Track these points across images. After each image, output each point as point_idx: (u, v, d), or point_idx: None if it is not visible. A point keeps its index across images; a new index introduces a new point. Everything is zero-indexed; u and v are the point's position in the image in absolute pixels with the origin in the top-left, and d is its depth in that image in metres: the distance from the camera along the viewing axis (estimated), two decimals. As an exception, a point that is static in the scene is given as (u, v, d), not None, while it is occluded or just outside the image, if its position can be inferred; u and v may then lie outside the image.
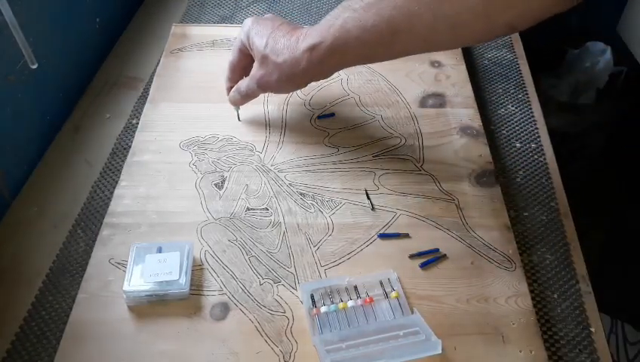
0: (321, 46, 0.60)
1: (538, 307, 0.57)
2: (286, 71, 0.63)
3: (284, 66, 0.63)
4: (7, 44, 0.64)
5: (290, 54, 0.62)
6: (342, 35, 0.59)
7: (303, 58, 0.61)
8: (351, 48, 0.60)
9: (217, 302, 0.56)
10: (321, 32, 0.60)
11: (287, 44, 0.63)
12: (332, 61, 0.62)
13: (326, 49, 0.60)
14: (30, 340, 0.54)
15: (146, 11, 0.99)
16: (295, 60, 0.62)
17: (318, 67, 0.62)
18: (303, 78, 0.65)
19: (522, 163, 0.72)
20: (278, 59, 0.63)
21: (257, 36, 0.65)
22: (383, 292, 0.56)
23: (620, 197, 1.16)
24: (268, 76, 0.65)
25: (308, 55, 0.61)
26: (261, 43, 0.64)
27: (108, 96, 0.82)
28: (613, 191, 1.22)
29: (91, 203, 0.67)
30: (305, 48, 0.61)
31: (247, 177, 0.68)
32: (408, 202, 0.65)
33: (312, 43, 0.61)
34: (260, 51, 0.64)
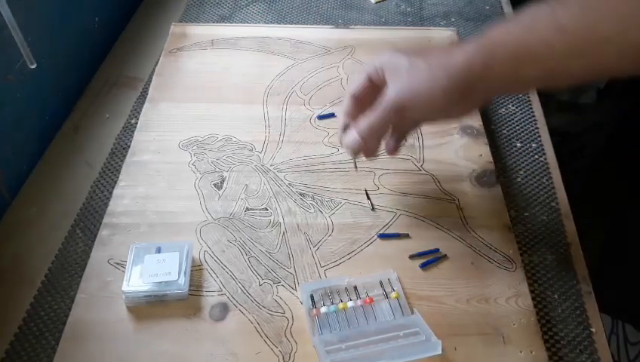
0: (493, 44, 0.49)
1: (538, 307, 0.57)
2: (439, 78, 0.50)
3: (437, 73, 0.51)
4: (6, 44, 0.63)
5: (447, 56, 0.51)
6: (527, 36, 0.48)
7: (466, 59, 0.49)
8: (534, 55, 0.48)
9: (217, 303, 0.56)
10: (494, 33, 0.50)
11: (443, 51, 0.53)
12: (502, 68, 0.49)
13: (499, 48, 0.49)
14: (29, 340, 0.54)
15: (145, 11, 0.99)
16: (451, 58, 0.50)
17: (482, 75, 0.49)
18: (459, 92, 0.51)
19: (523, 163, 0.72)
20: (428, 63, 0.51)
21: (402, 55, 0.53)
22: (383, 292, 0.56)
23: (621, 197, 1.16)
24: (412, 87, 0.52)
25: (472, 54, 0.49)
26: (408, 57, 0.53)
27: (107, 96, 0.82)
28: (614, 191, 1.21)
29: (90, 203, 0.67)
30: (469, 48, 0.50)
31: (247, 177, 0.67)
32: (408, 202, 0.65)
33: (480, 43, 0.49)
34: (403, 63, 0.52)
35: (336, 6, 0.98)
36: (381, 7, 0.98)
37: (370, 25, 0.94)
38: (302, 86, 0.79)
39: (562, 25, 0.46)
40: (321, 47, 0.85)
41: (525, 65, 0.48)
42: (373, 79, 0.55)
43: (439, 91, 0.51)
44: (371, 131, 0.55)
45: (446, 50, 0.53)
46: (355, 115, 0.57)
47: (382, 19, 0.95)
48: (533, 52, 0.48)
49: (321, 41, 0.86)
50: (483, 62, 0.49)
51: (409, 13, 0.97)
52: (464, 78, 0.50)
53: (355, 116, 0.57)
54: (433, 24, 0.94)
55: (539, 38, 0.47)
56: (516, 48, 0.48)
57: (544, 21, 0.47)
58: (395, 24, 0.94)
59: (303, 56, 0.84)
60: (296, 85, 0.79)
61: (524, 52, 0.48)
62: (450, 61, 0.50)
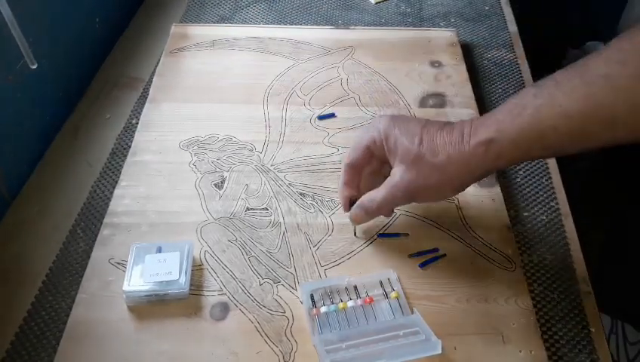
0: (502, 140, 0.49)
1: (538, 307, 0.57)
2: (450, 172, 0.52)
3: (448, 167, 0.52)
4: (6, 44, 0.64)
5: (456, 151, 0.51)
6: (533, 125, 0.48)
7: (475, 155, 0.50)
8: (543, 140, 0.48)
9: (217, 302, 0.56)
10: (500, 124, 0.50)
11: (449, 139, 0.52)
12: (512, 156, 0.50)
13: (508, 142, 0.49)
14: (30, 340, 0.54)
15: (146, 11, 0.99)
16: (463, 158, 0.51)
17: (493, 165, 0.51)
18: (469, 179, 0.53)
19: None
20: (439, 158, 0.52)
21: (404, 134, 0.53)
22: (383, 292, 0.56)
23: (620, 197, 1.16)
24: (422, 180, 0.53)
25: (482, 151, 0.50)
26: (411, 141, 0.53)
27: (108, 97, 0.82)
28: (613, 191, 1.22)
29: (91, 203, 0.67)
30: (477, 143, 0.50)
31: (247, 177, 0.68)
32: (408, 202, 0.65)
33: (487, 137, 0.50)
34: (411, 151, 0.53)
35: (336, 6, 0.98)
36: (381, 7, 0.98)
37: (370, 25, 0.94)
38: (302, 86, 0.80)
39: (566, 110, 0.46)
40: (321, 48, 0.86)
41: (536, 148, 0.50)
42: (372, 150, 0.57)
43: (451, 189, 0.55)
44: (379, 210, 0.57)
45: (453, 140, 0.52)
46: (354, 185, 0.59)
47: (382, 20, 0.96)
48: (543, 138, 0.48)
49: (321, 42, 0.87)
50: (496, 158, 0.50)
51: (409, 14, 0.97)
52: (474, 175, 0.53)
53: (354, 186, 0.59)
54: (433, 25, 0.95)
55: (546, 125, 0.48)
56: (526, 139, 0.49)
57: (550, 109, 0.47)
58: (395, 25, 0.94)
59: (303, 56, 0.84)
60: (296, 85, 0.80)
61: (534, 140, 0.49)
62: (463, 160, 0.51)
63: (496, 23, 0.95)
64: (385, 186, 0.55)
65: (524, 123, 0.48)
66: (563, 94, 0.47)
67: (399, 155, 0.54)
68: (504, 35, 0.93)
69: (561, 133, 0.47)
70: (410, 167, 0.53)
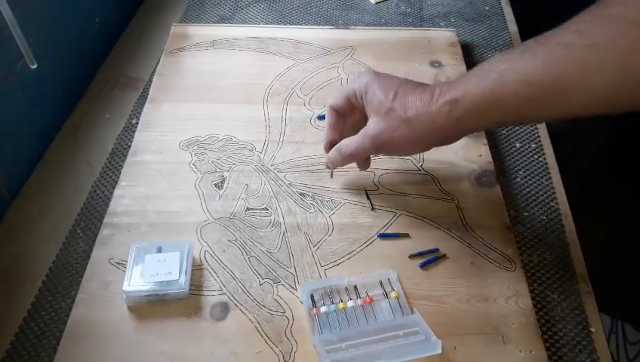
0: (465, 100, 0.51)
1: (538, 307, 0.57)
2: (416, 127, 0.54)
3: (414, 122, 0.54)
4: (6, 44, 0.64)
5: (424, 108, 0.53)
6: (495, 89, 0.50)
7: (440, 113, 0.53)
8: (503, 106, 0.50)
9: (217, 302, 0.56)
10: (466, 86, 0.52)
11: (420, 97, 0.54)
12: (475, 119, 0.52)
13: (471, 104, 0.51)
14: (30, 340, 0.54)
15: (146, 11, 0.99)
16: (429, 116, 0.53)
17: (456, 126, 0.53)
18: (433, 138, 0.56)
19: (522, 163, 0.72)
20: (407, 114, 0.54)
21: (380, 89, 0.57)
22: (383, 292, 0.56)
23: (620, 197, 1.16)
24: (390, 132, 0.56)
25: (447, 110, 0.52)
26: (386, 95, 0.56)
27: (108, 96, 0.82)
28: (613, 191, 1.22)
29: (91, 203, 0.67)
30: (443, 102, 0.52)
31: (247, 177, 0.68)
32: (408, 202, 0.65)
33: (453, 97, 0.52)
34: (384, 103, 0.56)
35: (336, 6, 0.98)
36: (381, 7, 0.98)
37: (370, 25, 0.94)
38: (302, 86, 0.80)
39: (527, 78, 0.48)
40: (321, 48, 0.86)
41: (497, 113, 0.52)
42: (352, 101, 0.60)
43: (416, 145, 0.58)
44: (352, 156, 0.61)
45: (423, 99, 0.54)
46: (338, 128, 0.62)
47: (382, 20, 0.96)
48: (504, 103, 0.50)
49: (321, 42, 0.87)
50: (459, 119, 0.52)
51: (409, 14, 0.97)
52: (439, 134, 0.55)
53: (338, 132, 0.62)
54: (433, 25, 0.95)
55: (508, 92, 0.49)
56: (488, 102, 0.51)
57: (512, 74, 0.49)
58: (395, 25, 0.94)
59: (303, 56, 0.84)
60: (296, 85, 0.80)
61: (494, 104, 0.51)
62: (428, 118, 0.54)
63: (496, 23, 0.95)
64: (359, 134, 0.59)
65: (487, 87, 0.50)
66: (525, 61, 0.49)
67: (374, 107, 0.57)
68: (504, 35, 0.93)
69: (520, 99, 0.49)
70: (382, 119, 0.56)
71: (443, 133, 0.55)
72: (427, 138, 0.56)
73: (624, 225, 1.10)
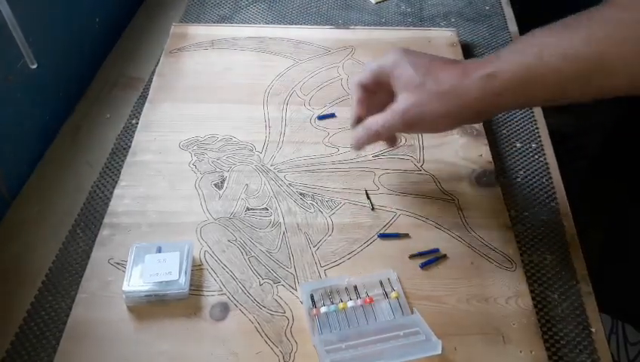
0: (503, 75, 0.49)
1: (538, 307, 0.57)
2: (448, 101, 0.52)
3: (447, 95, 0.52)
4: (6, 44, 0.64)
5: (458, 82, 0.51)
6: (535, 62, 0.48)
7: (475, 87, 0.51)
8: (543, 82, 0.49)
9: (217, 302, 0.56)
10: (504, 61, 0.50)
11: (453, 72, 0.52)
12: (513, 94, 0.50)
13: (510, 78, 0.49)
14: (30, 340, 0.54)
15: (145, 11, 0.99)
16: (463, 89, 0.51)
17: (493, 100, 0.51)
18: (466, 113, 0.53)
19: (522, 163, 0.72)
20: (440, 87, 0.52)
21: (411, 64, 0.54)
22: (383, 292, 0.56)
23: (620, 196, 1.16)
24: (421, 107, 0.53)
25: (482, 84, 0.50)
26: (417, 70, 0.54)
27: (108, 97, 0.82)
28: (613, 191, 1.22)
29: (91, 203, 0.67)
30: (479, 76, 0.50)
31: (247, 177, 0.68)
32: (408, 202, 0.65)
33: (490, 71, 0.50)
34: (414, 79, 0.53)
35: (336, 6, 0.98)
36: (381, 7, 0.98)
37: (371, 25, 0.94)
38: (302, 86, 0.80)
39: (569, 53, 0.47)
40: (322, 48, 0.86)
41: (535, 90, 0.50)
42: (379, 78, 0.57)
43: (448, 119, 0.54)
44: (378, 135, 0.58)
45: (456, 73, 0.52)
46: (365, 104, 0.59)
47: (382, 20, 0.95)
48: (542, 79, 0.49)
49: (322, 42, 0.87)
50: (494, 92, 0.50)
51: (409, 14, 0.97)
52: (473, 108, 0.52)
53: (365, 105, 0.59)
54: (433, 24, 0.94)
55: (547, 67, 0.48)
56: (526, 76, 0.49)
57: (551, 49, 0.48)
58: (395, 24, 0.94)
59: (304, 56, 0.84)
60: (296, 85, 0.80)
61: (534, 79, 0.49)
62: (462, 91, 0.51)
63: (497, 22, 0.95)
64: (386, 111, 0.56)
65: (525, 61, 0.49)
66: (567, 36, 0.47)
67: (403, 83, 0.54)
68: (504, 35, 0.93)
69: (562, 74, 0.47)
70: (412, 94, 0.54)
71: (476, 108, 0.52)
72: (459, 112, 0.53)
73: (624, 224, 1.10)
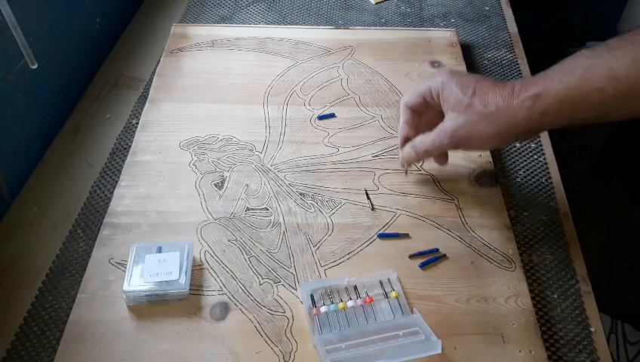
0: (548, 95, 0.52)
1: (538, 307, 0.57)
2: (496, 122, 0.54)
3: (495, 116, 0.54)
4: (7, 44, 0.64)
5: (505, 103, 0.54)
6: (580, 84, 0.50)
7: (522, 108, 0.53)
8: (588, 101, 0.50)
9: (217, 302, 0.56)
10: (549, 81, 0.52)
11: (500, 92, 0.54)
12: (558, 114, 0.52)
13: (555, 99, 0.51)
14: (30, 340, 0.54)
15: (146, 11, 0.99)
16: (510, 110, 0.53)
17: (538, 121, 0.53)
18: (513, 132, 0.55)
19: (522, 163, 0.72)
20: (488, 109, 0.54)
21: (458, 86, 0.57)
22: (383, 292, 0.56)
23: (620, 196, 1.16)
24: (469, 127, 0.56)
25: (529, 105, 0.52)
26: (464, 91, 0.56)
27: (108, 97, 0.82)
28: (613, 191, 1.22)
29: (91, 203, 0.67)
30: (526, 97, 0.53)
31: (247, 177, 0.68)
32: (408, 202, 0.65)
33: (535, 92, 0.52)
34: (462, 100, 0.56)
35: (336, 7, 0.98)
36: (381, 7, 0.98)
37: (370, 25, 0.94)
38: (302, 86, 0.80)
39: (615, 74, 0.49)
40: (322, 48, 0.86)
41: (580, 111, 0.52)
42: (427, 99, 0.60)
43: (496, 139, 0.57)
44: (426, 153, 0.62)
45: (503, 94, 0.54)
46: (413, 125, 0.63)
47: (382, 20, 0.96)
48: (588, 99, 0.50)
49: (322, 42, 0.87)
50: (542, 114, 0.53)
51: (409, 14, 0.97)
52: (520, 128, 0.55)
53: (413, 126, 0.63)
54: (433, 25, 0.95)
55: (593, 87, 0.50)
56: (573, 97, 0.51)
57: (598, 69, 0.50)
58: (395, 25, 0.94)
59: (304, 56, 0.84)
60: (296, 85, 0.80)
61: (580, 100, 0.51)
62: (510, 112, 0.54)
63: (496, 22, 0.95)
64: (435, 131, 0.59)
65: (571, 82, 0.51)
66: (613, 57, 0.49)
67: (452, 104, 0.57)
68: (504, 35, 0.93)
69: (607, 94, 0.49)
70: (460, 115, 0.56)
71: (524, 128, 0.54)
72: (507, 132, 0.55)
73: (624, 224, 1.10)
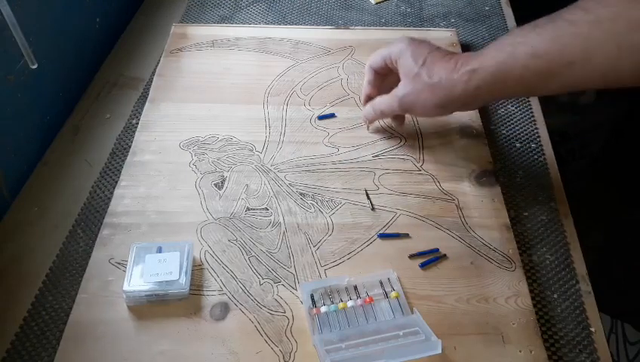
0: (482, 71, 0.57)
1: (538, 307, 0.57)
2: (437, 92, 0.60)
3: (437, 87, 0.60)
4: (7, 44, 0.64)
5: (447, 76, 0.59)
6: (508, 60, 0.55)
7: (460, 81, 0.58)
8: (515, 77, 0.55)
9: (217, 302, 0.56)
10: (486, 57, 0.57)
11: (445, 65, 0.59)
12: (490, 89, 0.58)
13: (487, 74, 0.56)
14: (30, 340, 0.54)
15: (146, 11, 0.99)
16: (450, 82, 0.59)
17: (473, 94, 0.58)
18: (453, 104, 0.61)
19: (522, 163, 0.72)
20: (432, 79, 0.60)
21: (412, 55, 0.62)
22: (383, 292, 0.56)
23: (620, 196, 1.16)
24: (415, 95, 0.62)
25: (466, 79, 0.58)
26: (416, 61, 0.61)
27: (108, 97, 0.82)
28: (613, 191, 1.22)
29: (91, 203, 0.67)
30: (464, 71, 0.58)
31: (247, 177, 0.68)
32: (408, 202, 0.65)
33: (473, 67, 0.57)
34: (413, 69, 0.62)
35: (336, 7, 0.98)
36: (381, 7, 0.98)
37: (370, 26, 0.94)
38: (302, 86, 0.80)
39: (536, 51, 0.53)
40: (322, 48, 0.86)
41: (509, 85, 0.57)
42: (387, 64, 0.66)
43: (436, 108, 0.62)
44: (382, 113, 0.69)
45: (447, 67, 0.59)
46: (376, 85, 0.69)
47: (382, 20, 0.96)
48: (515, 75, 0.55)
49: (322, 42, 0.87)
50: (476, 86, 0.58)
51: (409, 14, 0.97)
52: (458, 100, 0.60)
53: (376, 86, 0.69)
54: (433, 25, 0.95)
55: (519, 64, 0.55)
56: (502, 73, 0.56)
57: (522, 47, 0.54)
58: (395, 25, 0.94)
59: (304, 56, 0.84)
60: (296, 85, 0.80)
61: (508, 76, 0.56)
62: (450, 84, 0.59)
63: (496, 22, 0.95)
64: (390, 94, 0.66)
65: (501, 58, 0.56)
66: (536, 35, 0.54)
67: (404, 71, 0.63)
68: (503, 35, 0.92)
69: (530, 71, 0.54)
70: (409, 83, 0.62)
71: (462, 100, 0.60)
72: (447, 103, 0.61)
73: (624, 224, 1.10)
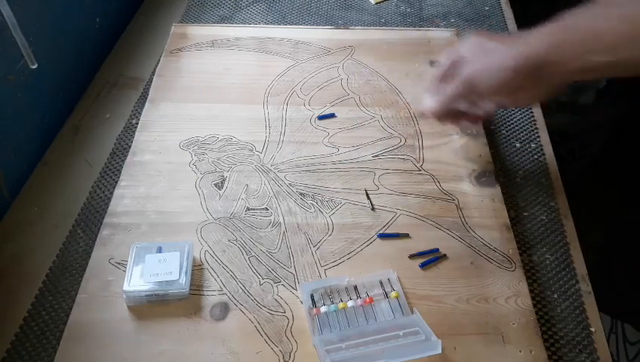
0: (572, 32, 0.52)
1: (538, 307, 0.57)
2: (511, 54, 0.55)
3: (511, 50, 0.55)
4: (7, 44, 0.64)
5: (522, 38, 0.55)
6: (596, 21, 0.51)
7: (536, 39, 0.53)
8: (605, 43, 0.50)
9: (217, 302, 0.56)
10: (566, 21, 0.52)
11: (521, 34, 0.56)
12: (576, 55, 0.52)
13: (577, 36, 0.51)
14: (30, 340, 0.54)
15: (146, 11, 0.99)
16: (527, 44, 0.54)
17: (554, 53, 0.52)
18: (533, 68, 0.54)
19: (522, 163, 0.72)
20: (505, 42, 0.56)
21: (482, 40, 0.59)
22: (383, 292, 0.56)
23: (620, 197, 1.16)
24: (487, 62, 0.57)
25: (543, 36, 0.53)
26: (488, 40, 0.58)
27: (108, 97, 0.82)
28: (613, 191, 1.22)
29: (91, 203, 0.67)
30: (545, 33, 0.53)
31: (247, 177, 0.68)
32: (408, 202, 0.65)
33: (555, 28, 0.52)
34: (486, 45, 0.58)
35: (336, 7, 0.98)
36: (381, 7, 0.98)
37: (370, 25, 0.94)
38: (302, 86, 0.80)
39: (631, 16, 0.48)
40: (322, 48, 0.86)
41: (593, 51, 0.50)
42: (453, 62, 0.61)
43: (508, 70, 0.55)
44: (444, 99, 0.61)
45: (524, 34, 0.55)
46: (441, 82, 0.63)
47: (382, 20, 0.96)
48: (602, 39, 0.49)
49: (322, 42, 0.87)
50: (554, 44, 0.52)
51: (409, 14, 0.97)
52: (533, 58, 0.53)
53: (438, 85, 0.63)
54: (433, 25, 0.94)
55: (608, 27, 0.49)
56: (586, 33, 0.51)
57: (614, 12, 0.49)
58: (395, 25, 0.94)
59: (304, 56, 0.84)
60: (296, 85, 0.80)
61: (593, 38, 0.50)
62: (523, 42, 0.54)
63: (497, 22, 0.95)
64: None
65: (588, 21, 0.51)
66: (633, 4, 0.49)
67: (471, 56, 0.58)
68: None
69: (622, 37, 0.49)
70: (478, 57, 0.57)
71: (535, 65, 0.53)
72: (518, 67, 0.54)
73: (624, 224, 1.10)
